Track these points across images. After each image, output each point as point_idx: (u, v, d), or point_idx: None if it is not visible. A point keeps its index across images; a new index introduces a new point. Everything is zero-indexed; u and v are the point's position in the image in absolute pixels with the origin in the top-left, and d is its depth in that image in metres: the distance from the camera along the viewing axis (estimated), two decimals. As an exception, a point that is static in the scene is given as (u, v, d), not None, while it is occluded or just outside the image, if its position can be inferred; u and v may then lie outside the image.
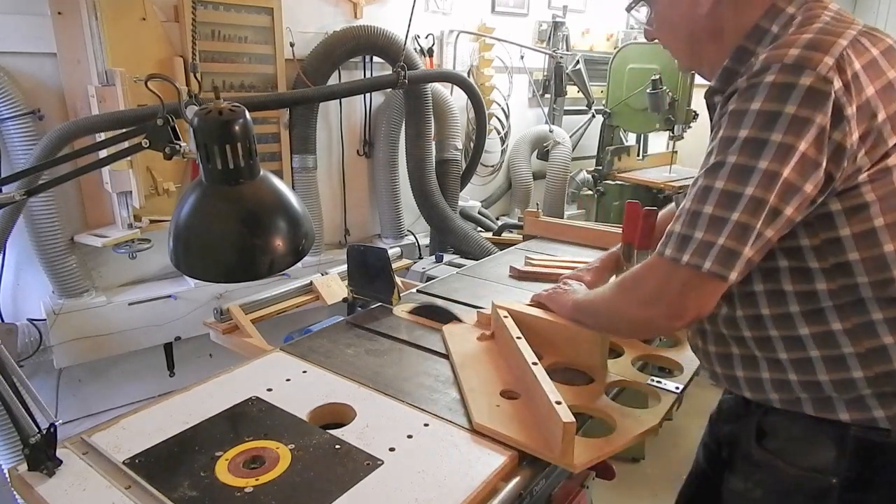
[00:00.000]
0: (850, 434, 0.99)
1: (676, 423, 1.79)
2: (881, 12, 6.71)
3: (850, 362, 0.96)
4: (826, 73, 0.85)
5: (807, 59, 0.86)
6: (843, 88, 0.85)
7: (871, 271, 0.92)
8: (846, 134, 0.86)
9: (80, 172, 1.12)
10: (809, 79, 0.85)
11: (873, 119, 0.88)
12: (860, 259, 0.92)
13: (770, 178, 0.87)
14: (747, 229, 0.88)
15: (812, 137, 0.85)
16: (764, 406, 1.09)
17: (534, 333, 1.40)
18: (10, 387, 1.02)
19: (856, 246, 0.92)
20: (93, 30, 2.15)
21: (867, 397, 0.96)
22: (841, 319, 0.95)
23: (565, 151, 4.04)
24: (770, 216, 0.89)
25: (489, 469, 1.06)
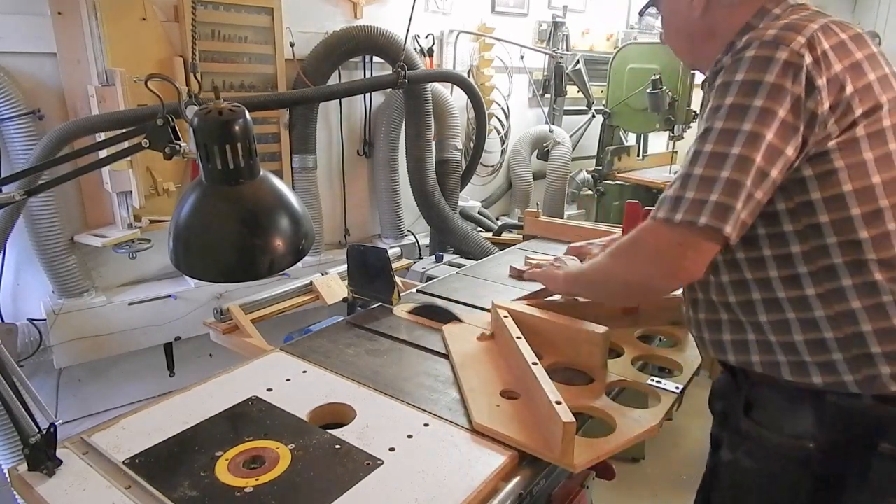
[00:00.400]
0: (826, 401, 1.05)
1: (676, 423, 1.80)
2: (881, 12, 6.70)
3: (821, 325, 1.02)
4: (798, 49, 0.95)
5: (782, 37, 0.96)
6: (813, 63, 0.95)
7: (839, 232, 0.99)
8: (818, 102, 0.95)
9: (80, 172, 1.12)
10: (784, 53, 0.95)
11: (841, 92, 0.96)
12: (829, 221, 0.99)
13: (755, 138, 0.94)
14: (738, 185, 0.95)
15: (789, 104, 0.94)
16: (749, 376, 1.15)
17: (534, 333, 1.40)
18: (10, 387, 1.02)
19: (826, 208, 0.99)
20: (93, 30, 2.15)
21: (838, 362, 1.02)
22: (814, 285, 1.02)
23: (565, 151, 4.04)
24: (758, 176, 0.95)
25: (489, 469, 1.06)
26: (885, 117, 0.98)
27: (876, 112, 0.98)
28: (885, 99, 0.98)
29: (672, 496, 2.72)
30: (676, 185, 1.01)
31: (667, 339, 1.62)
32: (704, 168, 0.97)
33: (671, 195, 1.01)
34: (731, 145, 0.95)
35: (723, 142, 0.97)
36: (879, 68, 1.00)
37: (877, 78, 0.99)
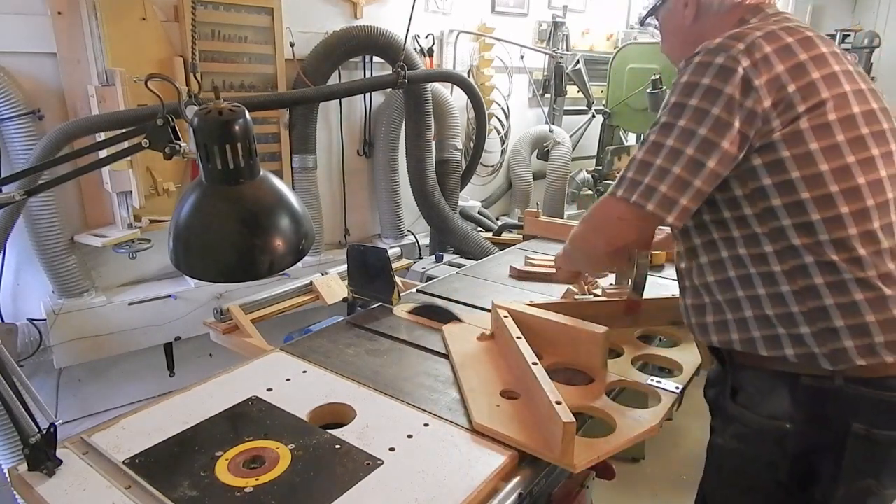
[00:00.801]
0: (800, 383, 1.11)
1: (676, 423, 1.80)
2: (881, 12, 6.70)
3: (788, 299, 1.10)
4: (735, 55, 1.06)
5: (723, 44, 1.08)
6: (750, 66, 1.05)
7: (792, 215, 1.07)
8: (756, 101, 1.05)
9: (80, 172, 1.12)
10: (721, 59, 1.06)
11: (783, 90, 1.05)
12: (782, 205, 1.08)
13: (688, 133, 1.07)
14: (667, 172, 1.08)
15: (723, 103, 1.05)
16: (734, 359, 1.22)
17: (534, 333, 1.40)
18: (10, 387, 1.02)
19: (777, 193, 1.08)
20: (93, 30, 2.15)
21: (805, 335, 1.09)
22: (780, 262, 1.10)
23: (565, 151, 4.04)
24: (692, 166, 1.07)
25: (489, 469, 1.06)
26: (831, 112, 1.05)
27: (819, 107, 1.05)
28: (829, 95, 1.06)
29: (672, 496, 2.72)
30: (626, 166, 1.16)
31: (667, 339, 1.62)
32: (645, 154, 1.12)
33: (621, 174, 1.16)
34: (667, 138, 1.09)
35: (662, 134, 1.11)
36: (826, 67, 1.08)
37: (821, 76, 1.06)
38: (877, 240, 1.06)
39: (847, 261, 1.06)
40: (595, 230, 1.27)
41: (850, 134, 1.06)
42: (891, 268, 1.06)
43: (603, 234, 1.24)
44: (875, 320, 1.05)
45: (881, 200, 1.07)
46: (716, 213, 1.15)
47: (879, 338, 1.05)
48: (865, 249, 1.06)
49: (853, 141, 1.06)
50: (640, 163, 1.12)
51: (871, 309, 1.05)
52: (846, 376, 1.08)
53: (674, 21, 1.33)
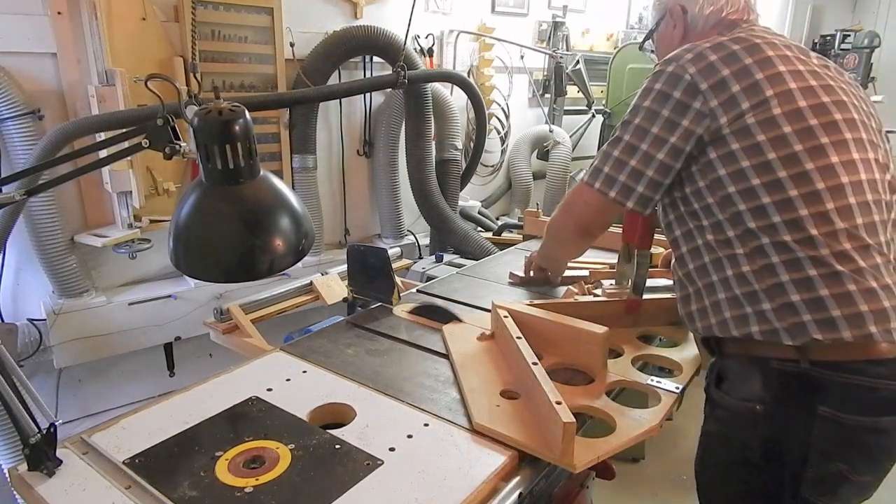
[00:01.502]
0: (770, 367, 1.18)
1: (676, 423, 1.79)
2: (881, 12, 6.70)
3: (749, 278, 1.19)
4: (683, 64, 1.22)
5: (675, 56, 1.25)
6: (697, 73, 1.20)
7: (746, 200, 1.17)
8: (702, 102, 1.19)
9: (80, 172, 1.12)
10: (671, 67, 1.24)
11: (727, 90, 1.18)
12: (736, 191, 1.18)
13: (642, 131, 1.26)
14: (621, 163, 1.28)
15: (671, 106, 1.22)
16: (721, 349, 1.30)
17: (534, 333, 1.40)
18: (10, 387, 1.02)
19: (732, 181, 1.18)
20: (93, 30, 2.15)
21: (767, 311, 1.17)
22: (741, 245, 1.19)
23: (565, 151, 4.04)
24: (644, 159, 1.25)
25: (489, 469, 1.07)
26: (776, 107, 1.16)
27: (764, 104, 1.16)
28: (773, 92, 1.17)
29: (672, 496, 2.72)
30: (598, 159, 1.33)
31: (667, 339, 1.62)
32: (608, 146, 1.31)
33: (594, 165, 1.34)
34: (625, 134, 1.28)
35: (622, 130, 1.29)
36: (771, 68, 1.19)
37: (765, 76, 1.18)
38: (830, 220, 1.13)
39: (799, 241, 1.14)
40: (564, 212, 1.49)
41: (797, 125, 1.15)
42: (846, 247, 1.13)
43: (571, 215, 1.47)
44: (829, 294, 1.12)
45: (834, 184, 1.14)
46: (687, 204, 1.28)
47: (836, 311, 1.11)
48: (818, 230, 1.13)
49: (800, 132, 1.15)
50: (604, 154, 1.32)
51: (824, 284, 1.12)
52: (812, 360, 1.14)
53: (665, 41, 1.50)
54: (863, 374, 1.11)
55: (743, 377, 1.23)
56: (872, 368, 1.11)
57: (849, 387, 1.12)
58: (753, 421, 1.20)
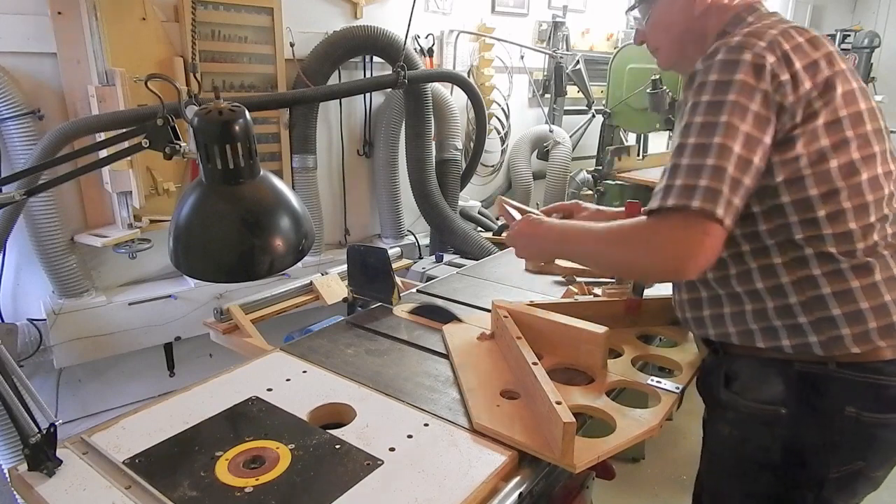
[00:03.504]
0: (793, 369, 1.15)
1: (676, 423, 1.79)
2: (881, 12, 6.70)
3: (787, 290, 1.13)
4: (761, 52, 1.05)
5: (745, 42, 1.07)
6: (776, 62, 1.05)
7: (799, 211, 1.09)
8: (784, 95, 1.05)
9: (80, 172, 1.12)
10: (749, 55, 1.05)
11: (801, 87, 1.06)
12: (791, 201, 1.09)
13: (732, 129, 1.03)
14: (722, 171, 1.02)
15: (759, 99, 1.04)
16: (728, 350, 1.25)
17: (534, 333, 1.40)
18: (10, 387, 1.02)
19: (787, 191, 1.09)
20: (93, 30, 2.15)
21: (804, 325, 1.12)
22: (782, 254, 1.12)
23: (565, 151, 4.04)
24: (741, 163, 1.03)
25: (489, 469, 1.06)
26: (841, 108, 1.08)
27: (831, 104, 1.07)
28: (841, 91, 1.08)
29: (672, 496, 2.72)
30: (665, 177, 1.07)
31: (667, 339, 1.62)
32: (690, 158, 1.04)
33: (662, 186, 1.06)
34: (711, 136, 1.03)
35: (703, 134, 1.04)
36: (836, 65, 1.10)
37: (832, 73, 1.08)
38: (872, 232, 1.10)
39: (845, 253, 1.09)
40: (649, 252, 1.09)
41: (857, 130, 1.08)
42: (885, 254, 1.11)
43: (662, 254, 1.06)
44: (869, 307, 1.09)
45: (878, 196, 1.10)
46: None
47: (873, 323, 1.09)
48: (864, 242, 1.10)
49: (859, 137, 1.09)
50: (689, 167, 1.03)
51: (864, 296, 1.09)
52: (838, 362, 1.12)
53: (673, 14, 1.27)
54: (881, 373, 1.12)
55: (759, 379, 1.20)
56: (889, 367, 1.12)
57: (869, 386, 1.12)
58: (775, 424, 1.17)
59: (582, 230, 1.28)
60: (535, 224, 1.39)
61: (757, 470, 1.23)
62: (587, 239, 1.25)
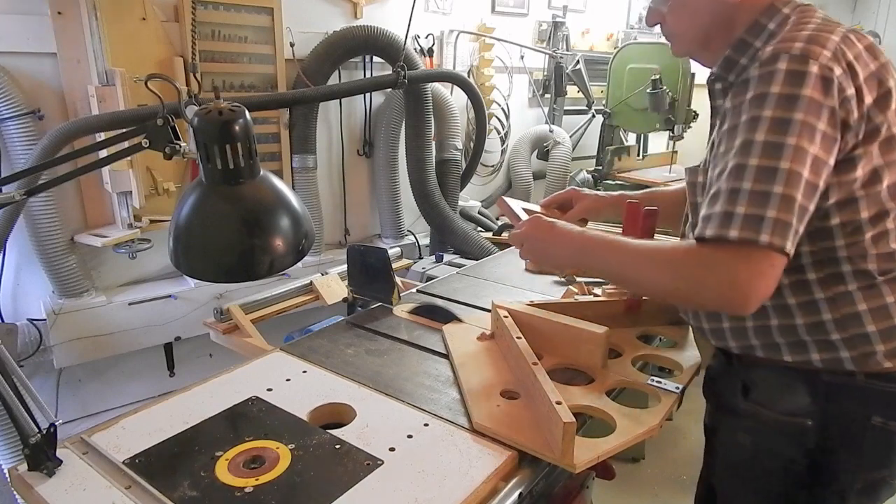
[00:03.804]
0: (820, 380, 1.11)
1: (676, 423, 1.80)
2: (881, 12, 6.70)
3: (821, 306, 1.08)
4: (827, 63, 0.96)
5: (809, 50, 0.98)
6: (843, 74, 0.97)
7: (847, 235, 1.04)
8: (849, 112, 0.98)
9: (80, 172, 1.12)
10: (815, 67, 0.96)
11: (864, 102, 1.00)
12: (840, 223, 1.04)
13: (801, 152, 0.94)
14: (792, 200, 0.94)
15: (827, 117, 0.96)
16: (748, 362, 1.20)
17: (534, 333, 1.40)
18: (10, 387, 1.02)
19: (838, 212, 1.03)
20: (93, 30, 2.15)
21: (836, 341, 1.08)
22: (817, 270, 1.07)
23: (565, 151, 4.04)
24: (809, 189, 0.96)
25: (489, 469, 1.06)
26: (893, 124, 1.02)
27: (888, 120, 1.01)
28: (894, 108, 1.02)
29: (672, 496, 2.72)
30: (723, 201, 0.97)
31: (667, 339, 1.62)
32: (754, 182, 0.95)
33: (719, 211, 0.97)
34: (778, 160, 0.94)
35: (768, 156, 0.95)
36: (891, 76, 1.04)
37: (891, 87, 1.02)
38: None
39: (883, 270, 1.06)
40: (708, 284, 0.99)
41: None
42: None
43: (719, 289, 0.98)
44: None
45: None
46: None
47: None
48: None
49: None
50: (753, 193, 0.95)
51: None
52: (867, 373, 1.09)
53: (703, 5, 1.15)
54: None
55: (782, 389, 1.15)
56: None
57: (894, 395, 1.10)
58: (802, 435, 1.14)
59: (610, 244, 1.18)
60: (546, 227, 1.28)
61: (779, 480, 1.19)
62: (618, 255, 1.15)
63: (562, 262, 1.31)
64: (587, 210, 1.63)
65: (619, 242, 1.17)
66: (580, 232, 1.24)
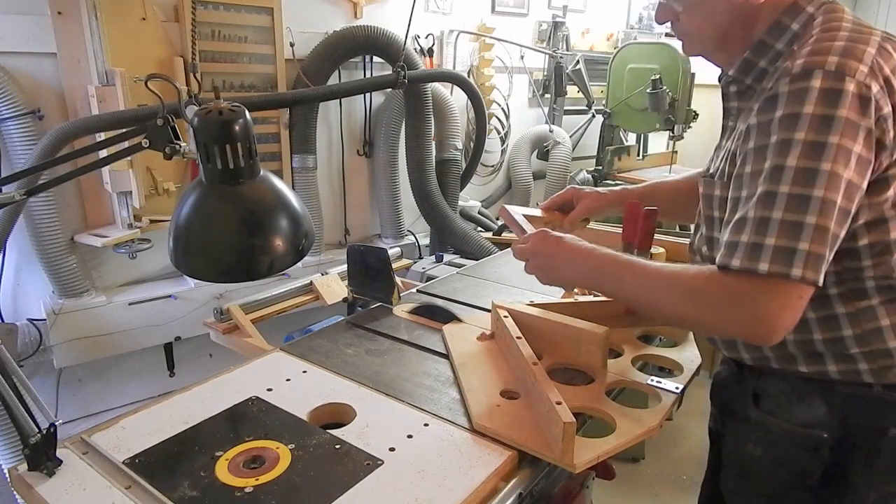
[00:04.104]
0: (837, 391, 1.08)
1: (676, 423, 1.80)
2: (881, 12, 6.70)
3: (842, 322, 1.05)
4: (864, 80, 0.91)
5: (845, 66, 0.91)
6: (880, 91, 0.92)
7: (875, 255, 1.01)
8: (884, 132, 0.93)
9: (80, 172, 1.12)
10: (852, 85, 0.90)
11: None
12: (868, 244, 1.00)
13: (835, 178, 0.90)
14: (825, 231, 0.91)
15: (862, 139, 0.91)
16: (759, 370, 1.17)
17: (534, 333, 1.40)
18: (10, 387, 1.02)
19: (867, 233, 0.99)
20: (93, 30, 2.15)
21: (855, 355, 1.06)
22: (839, 285, 1.03)
23: (565, 151, 4.04)
24: (841, 216, 0.92)
25: (489, 469, 1.06)
26: None
27: None
28: None
29: (672, 496, 2.72)
30: (751, 230, 0.94)
31: (667, 339, 1.62)
32: (785, 212, 0.91)
33: (747, 241, 0.94)
34: (811, 187, 0.90)
35: (801, 183, 0.90)
36: None
37: None
38: None
39: None
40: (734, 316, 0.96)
41: None
42: None
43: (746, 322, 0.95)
44: None
45: None
46: None
47: None
48: None
49: None
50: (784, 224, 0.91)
51: None
52: (885, 384, 1.07)
53: None
54: None
55: (796, 399, 1.12)
56: None
57: None
58: (817, 447, 1.11)
59: (624, 264, 1.14)
60: (553, 242, 1.23)
61: (792, 491, 1.17)
62: (633, 277, 1.11)
63: (571, 280, 1.27)
64: (589, 210, 1.60)
65: (634, 263, 1.13)
66: (591, 249, 1.19)
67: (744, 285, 0.94)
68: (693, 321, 1.10)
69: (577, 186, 1.64)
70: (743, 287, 0.94)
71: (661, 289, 1.07)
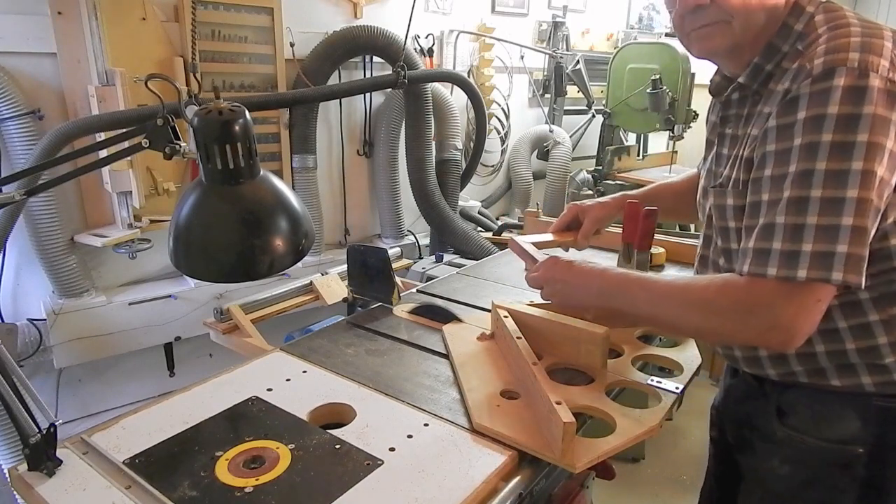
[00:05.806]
0: (872, 404, 1.04)
1: (676, 423, 1.80)
2: (881, 12, 6.70)
3: (875, 329, 1.01)
4: (888, 75, 0.89)
5: (868, 62, 0.89)
6: None
7: None
8: None
9: (80, 172, 1.12)
10: (877, 80, 0.88)
11: None
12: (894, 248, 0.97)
13: (868, 176, 0.88)
14: (862, 232, 0.89)
15: (893, 133, 0.88)
16: (783, 384, 1.13)
17: (534, 333, 1.40)
18: (10, 387, 1.02)
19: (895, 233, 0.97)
20: (93, 30, 2.15)
21: (889, 364, 1.02)
22: (869, 290, 0.98)
23: (565, 151, 4.05)
24: (875, 214, 0.90)
25: (489, 469, 1.06)
26: None
27: None
28: None
29: (672, 496, 2.72)
30: (783, 237, 0.92)
31: (667, 339, 1.62)
32: (819, 216, 0.89)
33: (781, 249, 0.92)
34: (844, 188, 0.88)
35: (833, 185, 0.89)
36: None
37: None
38: None
39: None
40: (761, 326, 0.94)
41: None
42: None
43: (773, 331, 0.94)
44: None
45: None
46: None
47: None
48: None
49: None
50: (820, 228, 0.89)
51: None
52: None
53: None
54: None
55: (829, 415, 1.08)
56: None
57: None
58: (851, 464, 1.07)
59: (635, 282, 1.14)
60: (564, 267, 1.24)
61: None
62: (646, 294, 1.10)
63: (586, 302, 1.27)
64: (598, 220, 1.59)
65: (645, 280, 1.13)
66: (602, 270, 1.20)
67: (759, 291, 0.94)
68: (708, 332, 1.08)
69: (578, 203, 1.64)
70: (758, 293, 0.94)
71: (673, 303, 1.06)
